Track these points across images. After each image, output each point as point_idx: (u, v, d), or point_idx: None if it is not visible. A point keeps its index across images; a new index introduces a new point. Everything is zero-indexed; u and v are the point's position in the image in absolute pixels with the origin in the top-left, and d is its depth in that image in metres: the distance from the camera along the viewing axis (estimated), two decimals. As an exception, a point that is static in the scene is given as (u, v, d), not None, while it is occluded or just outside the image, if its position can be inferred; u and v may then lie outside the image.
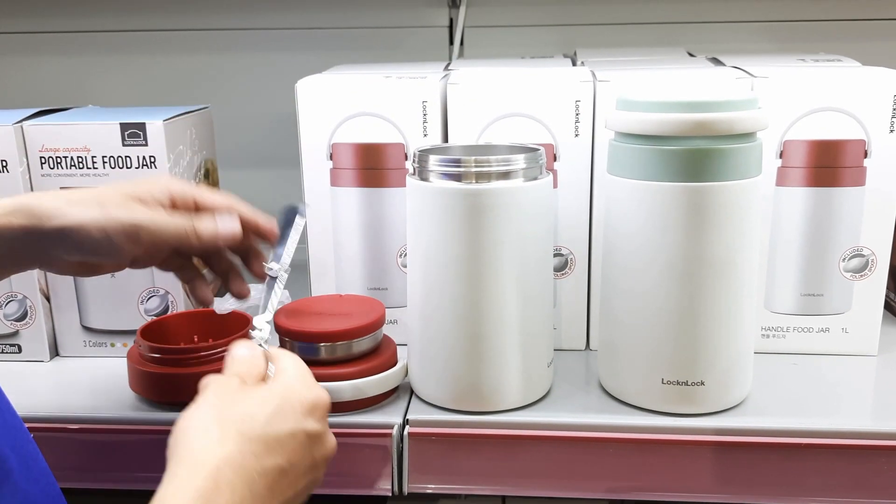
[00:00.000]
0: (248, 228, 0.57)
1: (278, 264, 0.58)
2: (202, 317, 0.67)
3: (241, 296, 0.59)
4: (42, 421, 0.60)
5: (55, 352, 0.72)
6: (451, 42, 0.98)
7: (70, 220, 0.50)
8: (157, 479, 0.57)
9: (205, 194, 0.56)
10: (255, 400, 0.46)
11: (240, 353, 0.50)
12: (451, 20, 0.98)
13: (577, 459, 0.58)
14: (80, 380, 0.67)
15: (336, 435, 0.58)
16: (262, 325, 0.55)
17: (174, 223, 0.53)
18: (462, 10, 0.96)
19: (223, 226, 0.54)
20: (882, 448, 0.56)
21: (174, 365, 0.61)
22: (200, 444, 0.43)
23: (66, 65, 1.02)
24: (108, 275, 0.70)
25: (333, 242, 0.70)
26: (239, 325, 0.65)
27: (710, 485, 0.57)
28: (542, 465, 0.58)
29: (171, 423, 0.58)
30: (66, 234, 0.50)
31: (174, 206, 0.55)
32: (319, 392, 0.49)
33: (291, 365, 0.50)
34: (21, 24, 1.01)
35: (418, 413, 0.59)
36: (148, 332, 0.64)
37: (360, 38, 0.99)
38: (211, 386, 0.47)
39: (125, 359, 0.63)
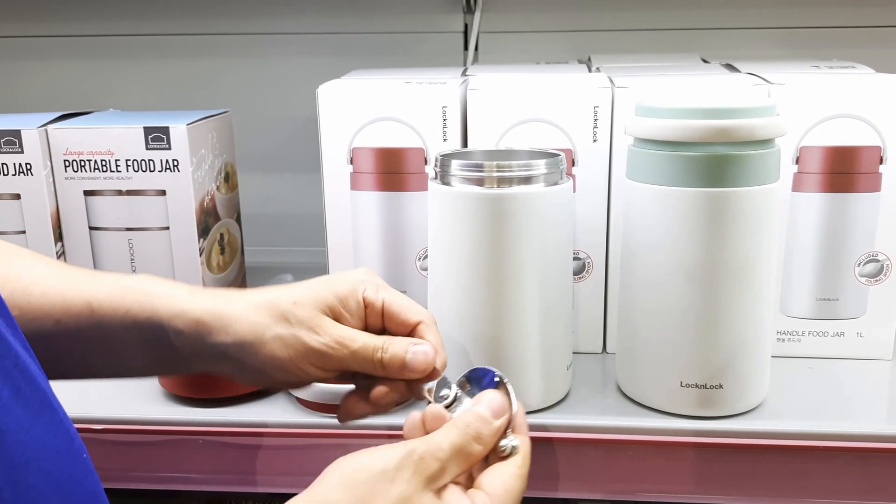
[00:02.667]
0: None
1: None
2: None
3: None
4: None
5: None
6: (466, 47, 0.99)
7: (247, 334, 0.45)
8: (183, 479, 0.58)
9: (397, 303, 0.49)
10: None
11: (482, 410, 0.43)
12: (466, 25, 0.99)
13: (596, 461, 0.58)
14: (102, 380, 0.68)
15: (358, 437, 0.59)
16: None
17: (361, 350, 0.46)
18: (477, 15, 0.97)
19: (414, 360, 0.47)
20: (897, 451, 0.56)
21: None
22: None
23: (86, 68, 1.03)
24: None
25: (353, 246, 0.71)
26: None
27: (727, 487, 0.58)
28: (562, 467, 0.59)
29: (194, 423, 0.60)
30: (241, 349, 0.46)
31: (364, 315, 0.49)
32: None
33: (503, 480, 0.43)
34: (43, 28, 1.02)
35: (439, 415, 0.60)
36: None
37: (377, 42, 1.00)
38: (400, 456, 0.40)
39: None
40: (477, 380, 0.47)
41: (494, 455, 0.44)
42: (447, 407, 0.45)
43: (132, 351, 0.47)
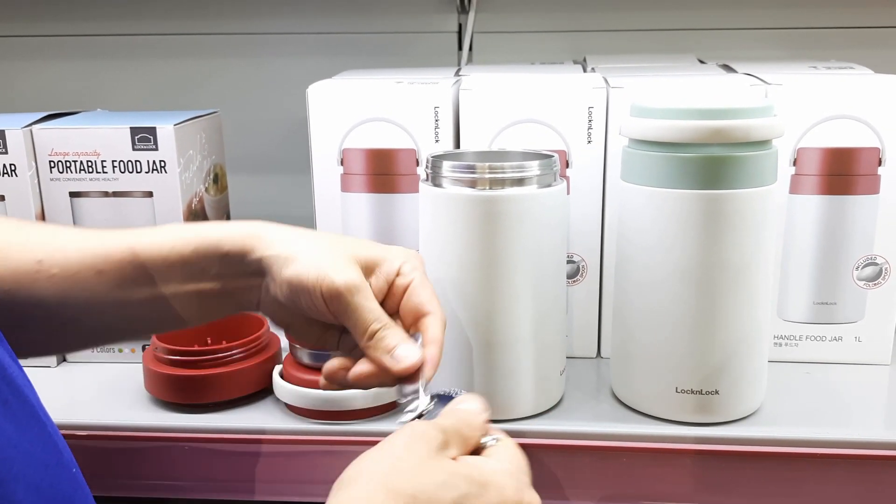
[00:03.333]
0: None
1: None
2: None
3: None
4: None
5: (62, 357, 0.71)
6: (460, 47, 0.98)
7: (287, 252, 0.46)
8: (168, 487, 0.57)
9: (419, 289, 0.48)
10: (448, 480, 0.38)
11: (466, 407, 0.43)
12: (460, 25, 0.98)
13: (590, 468, 0.57)
14: (87, 386, 0.67)
15: (349, 443, 0.58)
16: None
17: (361, 306, 0.46)
18: (471, 15, 0.96)
19: (401, 354, 0.45)
20: (895, 458, 0.55)
21: (191, 367, 0.61)
22: None
23: (74, 68, 1.02)
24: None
25: (343, 248, 0.70)
26: (254, 327, 0.64)
27: (724, 494, 0.57)
28: (555, 474, 0.58)
29: (180, 429, 0.59)
30: (275, 264, 0.46)
31: (390, 286, 0.48)
32: (532, 498, 0.41)
33: (508, 456, 0.42)
34: (30, 28, 1.01)
35: (430, 421, 0.59)
36: (162, 334, 0.63)
37: (369, 42, 0.99)
38: (405, 436, 0.39)
39: (133, 364, 0.63)
40: (443, 398, 0.46)
41: (479, 451, 0.43)
42: (418, 417, 0.44)
43: (174, 289, 0.48)
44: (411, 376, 0.46)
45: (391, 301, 0.49)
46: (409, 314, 0.48)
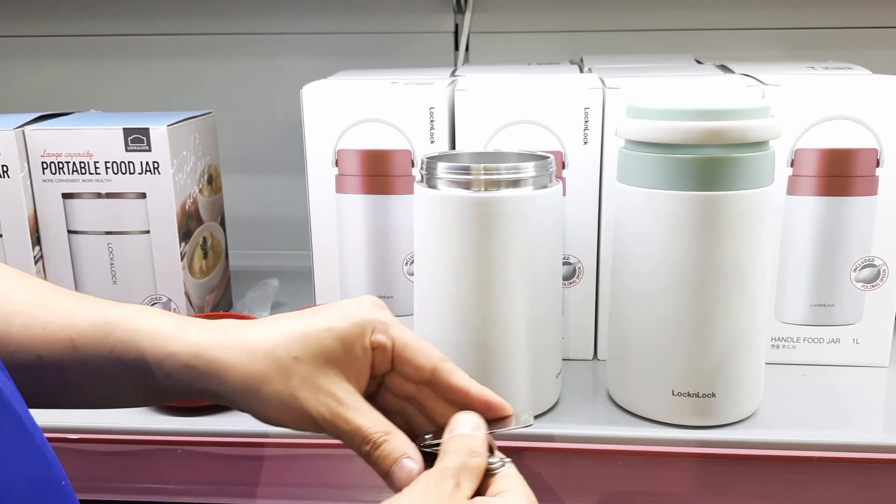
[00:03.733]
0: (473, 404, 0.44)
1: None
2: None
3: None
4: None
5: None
6: (457, 48, 0.98)
7: (242, 386, 0.42)
8: (161, 491, 0.57)
9: (410, 346, 0.44)
10: None
11: (462, 432, 0.41)
12: (457, 26, 0.97)
13: (586, 471, 0.57)
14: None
15: (342, 446, 0.57)
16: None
17: (352, 433, 0.42)
18: (468, 15, 0.96)
19: (398, 474, 0.41)
20: (894, 462, 0.55)
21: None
22: None
23: (67, 69, 1.02)
24: (110, 281, 0.69)
25: (338, 250, 0.69)
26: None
27: (720, 498, 0.56)
28: (551, 477, 0.57)
29: (172, 432, 0.58)
30: (235, 397, 0.42)
31: (372, 360, 0.44)
32: None
33: (520, 490, 0.40)
34: (23, 28, 1.01)
35: (424, 424, 0.58)
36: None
37: (365, 43, 0.99)
38: (417, 492, 0.38)
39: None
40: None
41: (489, 477, 0.42)
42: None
43: (120, 387, 0.44)
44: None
45: (380, 368, 0.45)
46: (412, 375, 0.44)
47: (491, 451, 0.42)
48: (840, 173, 0.63)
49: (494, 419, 0.44)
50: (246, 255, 0.96)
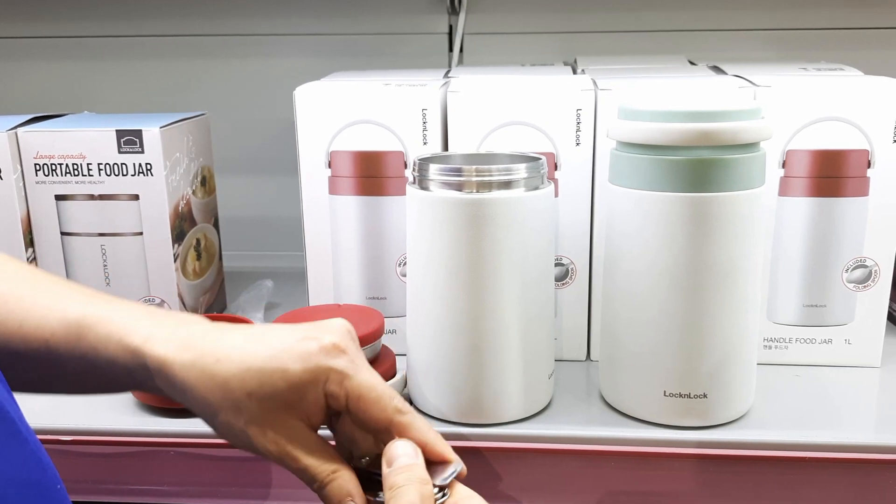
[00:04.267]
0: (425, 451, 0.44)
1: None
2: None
3: None
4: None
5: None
6: (451, 49, 0.98)
7: (198, 407, 0.43)
8: (154, 492, 0.57)
9: (365, 398, 0.43)
10: None
11: (417, 476, 0.41)
12: (451, 27, 0.97)
13: (579, 472, 0.57)
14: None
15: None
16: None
17: (302, 472, 0.43)
18: (462, 16, 0.96)
19: None
20: (885, 462, 0.55)
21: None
22: None
23: (60, 70, 1.02)
24: (103, 282, 0.69)
25: (332, 251, 0.69)
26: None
27: (712, 499, 0.56)
28: (543, 478, 0.57)
29: (166, 434, 0.59)
30: (196, 411, 0.44)
31: (325, 405, 0.44)
32: None
33: None
34: (15, 29, 1.01)
35: (417, 425, 0.58)
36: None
37: (359, 44, 0.99)
38: None
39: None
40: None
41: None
42: None
43: (93, 385, 0.46)
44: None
45: (335, 408, 0.44)
46: (368, 425, 0.44)
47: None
48: (832, 174, 0.63)
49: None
50: (240, 257, 0.96)
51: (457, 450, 0.54)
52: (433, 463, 0.44)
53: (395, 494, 0.40)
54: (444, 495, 0.42)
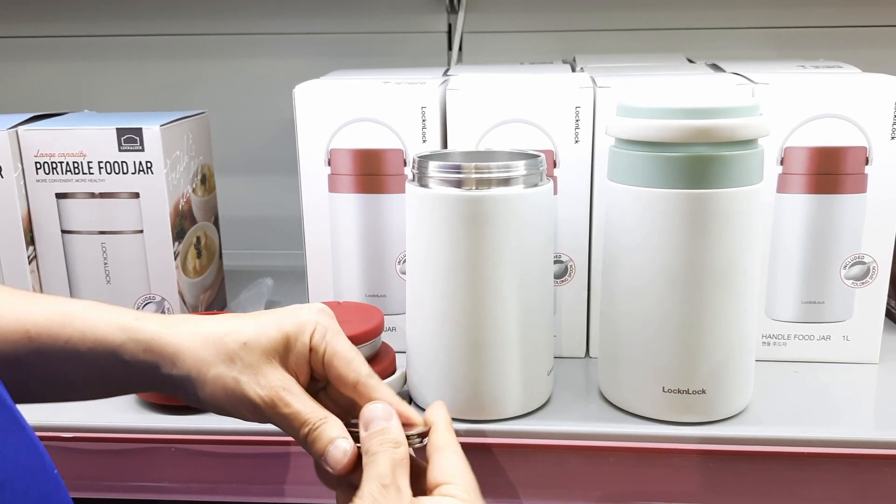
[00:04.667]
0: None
1: None
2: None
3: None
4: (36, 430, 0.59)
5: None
6: (450, 47, 0.98)
7: (191, 369, 0.44)
8: (155, 489, 0.57)
9: (339, 355, 0.46)
10: None
11: (390, 439, 0.42)
12: (450, 25, 0.98)
13: (578, 468, 0.57)
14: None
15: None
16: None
17: (291, 417, 0.44)
18: (461, 15, 0.96)
19: (332, 456, 0.44)
20: (884, 457, 0.55)
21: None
22: None
23: (61, 69, 1.02)
24: (104, 280, 0.70)
25: (331, 249, 0.69)
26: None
27: (710, 494, 0.57)
28: (543, 475, 0.57)
29: (167, 430, 0.59)
30: (187, 381, 0.45)
31: (309, 360, 0.47)
32: None
33: (462, 482, 0.43)
34: (16, 29, 1.01)
35: (417, 421, 0.58)
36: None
37: (359, 43, 0.99)
38: None
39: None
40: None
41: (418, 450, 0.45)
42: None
43: (73, 379, 0.46)
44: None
45: (318, 373, 0.47)
46: (339, 383, 0.46)
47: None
48: (830, 171, 0.63)
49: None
50: (240, 255, 0.96)
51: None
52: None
53: (369, 461, 0.42)
54: (420, 439, 0.45)
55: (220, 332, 0.45)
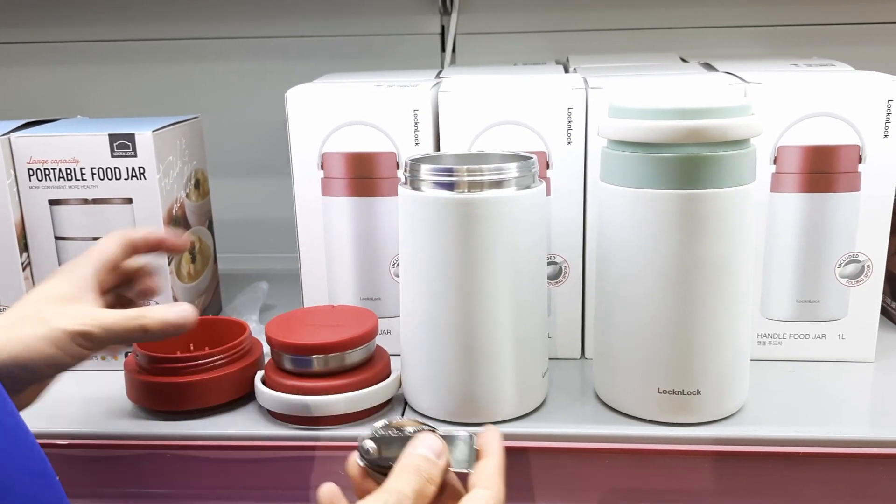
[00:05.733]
0: (156, 246, 0.57)
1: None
2: (198, 324, 0.66)
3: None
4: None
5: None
6: (443, 49, 0.98)
7: (16, 345, 0.46)
8: (151, 495, 0.56)
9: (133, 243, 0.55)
10: None
11: (429, 472, 0.43)
12: (443, 27, 0.98)
13: (573, 470, 0.57)
14: (68, 394, 0.66)
15: (329, 449, 0.58)
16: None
17: (122, 323, 0.49)
18: (454, 17, 0.96)
19: (175, 315, 0.51)
20: (880, 456, 0.55)
21: (173, 374, 0.60)
22: None
23: (53, 75, 1.02)
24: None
25: (325, 252, 0.69)
26: (236, 333, 0.64)
27: (706, 495, 0.57)
28: (538, 476, 0.57)
29: (162, 436, 0.59)
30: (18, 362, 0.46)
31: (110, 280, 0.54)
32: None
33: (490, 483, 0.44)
34: (7, 35, 1.01)
35: (412, 425, 0.58)
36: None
37: (351, 46, 0.99)
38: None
39: (113, 371, 0.63)
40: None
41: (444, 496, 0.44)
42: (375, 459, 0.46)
43: None
44: None
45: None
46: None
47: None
48: (823, 170, 0.63)
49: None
50: (234, 259, 0.96)
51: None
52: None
53: (397, 474, 0.42)
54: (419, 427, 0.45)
55: (25, 307, 0.48)
